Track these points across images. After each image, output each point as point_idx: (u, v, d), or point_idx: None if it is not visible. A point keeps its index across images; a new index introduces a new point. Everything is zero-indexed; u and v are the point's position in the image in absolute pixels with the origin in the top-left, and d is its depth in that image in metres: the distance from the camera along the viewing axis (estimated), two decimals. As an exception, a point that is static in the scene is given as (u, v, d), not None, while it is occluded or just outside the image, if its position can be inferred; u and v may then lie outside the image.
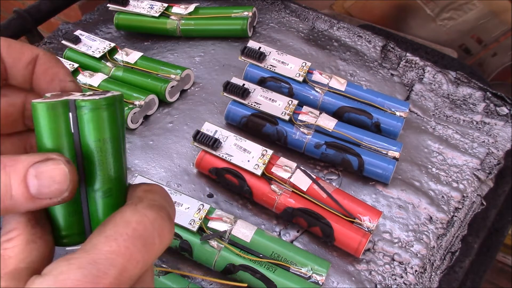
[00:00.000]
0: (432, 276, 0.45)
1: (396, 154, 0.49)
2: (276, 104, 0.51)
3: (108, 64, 0.60)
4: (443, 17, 0.74)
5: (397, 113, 0.52)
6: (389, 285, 0.44)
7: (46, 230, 0.20)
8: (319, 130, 0.51)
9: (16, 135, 0.25)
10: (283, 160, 0.47)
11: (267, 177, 0.47)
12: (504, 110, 0.56)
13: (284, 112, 0.51)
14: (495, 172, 0.51)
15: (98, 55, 0.60)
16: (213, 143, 0.47)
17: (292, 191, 0.46)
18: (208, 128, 0.49)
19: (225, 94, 0.52)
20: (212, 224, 0.44)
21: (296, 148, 0.51)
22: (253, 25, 0.65)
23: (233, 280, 0.44)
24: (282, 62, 0.55)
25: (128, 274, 0.17)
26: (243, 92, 0.51)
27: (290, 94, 0.54)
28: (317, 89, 0.54)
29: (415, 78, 0.60)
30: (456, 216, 0.48)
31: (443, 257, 0.46)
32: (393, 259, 0.45)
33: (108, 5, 0.66)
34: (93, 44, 0.61)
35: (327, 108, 0.53)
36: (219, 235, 0.43)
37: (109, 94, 0.20)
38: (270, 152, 0.47)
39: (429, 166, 0.52)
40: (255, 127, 0.52)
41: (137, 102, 0.55)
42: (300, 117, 0.51)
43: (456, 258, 0.46)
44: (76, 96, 0.20)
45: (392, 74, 0.60)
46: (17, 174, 0.18)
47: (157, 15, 0.64)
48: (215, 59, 0.63)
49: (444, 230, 0.47)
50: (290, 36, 0.65)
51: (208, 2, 0.72)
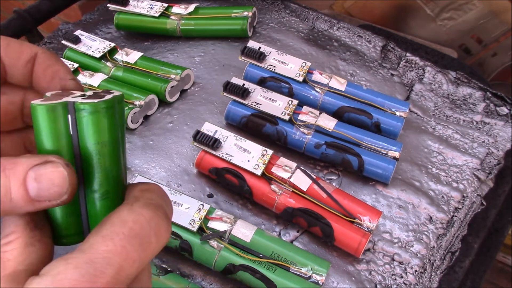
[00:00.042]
0: (432, 276, 0.45)
1: (396, 154, 0.49)
2: (276, 104, 0.51)
3: (108, 64, 0.60)
4: (443, 17, 0.74)
5: (397, 113, 0.52)
6: (389, 285, 0.44)
7: (45, 233, 0.20)
8: (319, 130, 0.51)
9: (16, 132, 0.25)
10: (283, 160, 0.47)
11: (267, 177, 0.47)
12: (504, 110, 0.56)
13: (284, 112, 0.51)
14: (495, 172, 0.51)
15: (98, 55, 0.60)
16: (213, 143, 0.47)
17: (292, 191, 0.46)
18: (208, 128, 0.49)
19: (225, 94, 0.52)
20: (212, 224, 0.44)
21: (296, 148, 0.51)
22: (253, 25, 0.65)
23: (233, 280, 0.44)
24: (282, 62, 0.55)
25: (125, 273, 0.18)
26: (243, 92, 0.51)
27: (290, 94, 0.54)
28: (317, 89, 0.54)
29: (415, 78, 0.60)
30: (456, 216, 0.48)
31: (443, 257, 0.46)
32: (393, 259, 0.45)
33: (108, 5, 0.66)
34: (93, 44, 0.61)
35: (327, 108, 0.53)
36: (219, 235, 0.43)
37: (109, 97, 0.20)
38: (270, 152, 0.47)
39: (429, 166, 0.52)
40: (255, 127, 0.52)
41: (137, 102, 0.55)
42: (300, 117, 0.51)
43: (456, 258, 0.46)
44: (76, 98, 0.20)
45: (392, 74, 0.60)
46: (17, 177, 0.18)
47: (157, 15, 0.64)
48: (215, 59, 0.63)
49: (444, 230, 0.47)
50: (290, 36, 0.65)
51: (208, 2, 0.72)
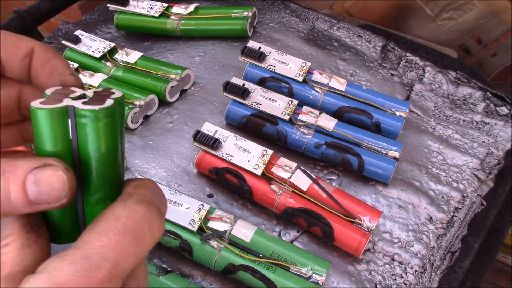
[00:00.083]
0: (432, 276, 0.45)
1: (396, 154, 0.49)
2: (276, 104, 0.51)
3: (108, 64, 0.60)
4: (443, 17, 0.74)
5: (397, 113, 0.52)
6: (389, 285, 0.44)
7: (41, 235, 0.20)
8: (319, 130, 0.50)
9: (14, 124, 0.25)
10: (283, 160, 0.47)
11: (267, 177, 0.47)
12: (504, 110, 0.56)
13: (284, 112, 0.51)
14: (495, 172, 0.51)
15: (98, 55, 0.60)
16: (213, 143, 0.47)
17: (292, 191, 0.46)
18: (208, 128, 0.49)
19: (225, 94, 0.52)
20: (212, 224, 0.44)
21: (296, 148, 0.51)
22: (253, 25, 0.65)
23: (233, 280, 0.44)
24: (282, 62, 0.55)
25: (121, 267, 0.18)
26: (243, 92, 0.51)
27: (290, 94, 0.54)
28: (317, 89, 0.54)
29: (415, 78, 0.60)
30: (456, 216, 0.48)
31: (443, 257, 0.46)
32: (393, 259, 0.45)
33: (108, 5, 0.66)
34: (93, 44, 0.61)
35: (327, 108, 0.53)
36: (219, 235, 0.43)
37: (110, 103, 0.19)
38: (270, 152, 0.47)
39: (429, 166, 0.52)
40: (255, 127, 0.52)
41: (137, 102, 0.55)
42: (300, 117, 0.51)
43: (456, 258, 0.46)
44: (76, 101, 0.20)
45: (392, 74, 0.60)
46: (16, 180, 0.18)
47: (157, 15, 0.64)
48: (215, 59, 0.63)
49: (444, 230, 0.47)
50: (290, 36, 0.65)
51: (208, 2, 0.72)
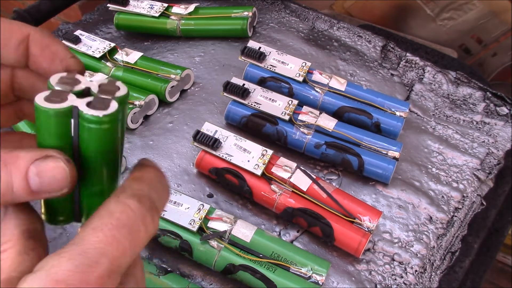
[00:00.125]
0: (432, 276, 0.45)
1: (396, 154, 0.49)
2: (276, 104, 0.51)
3: (108, 64, 0.60)
4: (443, 17, 0.74)
5: (397, 113, 0.52)
6: (389, 285, 0.44)
7: (39, 243, 0.20)
8: (319, 130, 0.50)
9: (8, 104, 0.25)
10: (283, 160, 0.47)
11: (267, 177, 0.47)
12: (504, 110, 0.56)
13: (284, 112, 0.51)
14: (495, 172, 0.51)
15: (98, 55, 0.60)
16: (213, 143, 0.47)
17: (292, 191, 0.46)
18: (208, 128, 0.49)
19: (225, 94, 0.52)
20: (212, 224, 0.44)
21: (296, 148, 0.51)
22: (253, 25, 0.65)
23: (233, 280, 0.44)
24: (282, 62, 0.55)
25: (118, 262, 0.18)
26: (243, 92, 0.51)
27: (290, 94, 0.54)
28: (317, 89, 0.54)
29: (415, 78, 0.60)
30: (456, 216, 0.48)
31: (443, 257, 0.46)
32: (393, 259, 0.45)
33: (108, 5, 0.66)
34: (93, 44, 0.61)
35: (327, 108, 0.53)
36: (219, 235, 0.43)
37: (113, 109, 0.20)
38: (270, 152, 0.47)
39: (429, 166, 0.52)
40: (255, 127, 0.52)
41: (137, 102, 0.55)
42: (300, 117, 0.51)
43: (456, 258, 0.46)
44: (81, 103, 0.20)
45: (392, 74, 0.60)
46: (19, 171, 0.19)
47: (157, 15, 0.64)
48: (215, 59, 0.63)
49: (444, 230, 0.47)
50: (290, 36, 0.65)
51: (208, 2, 0.72)
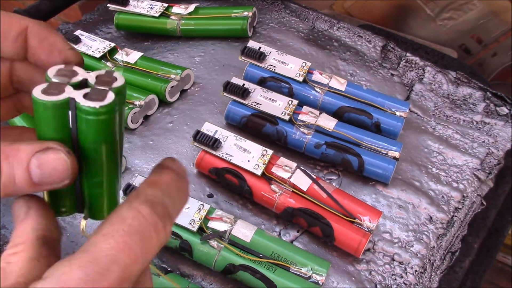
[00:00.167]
0: (432, 276, 0.45)
1: (396, 154, 0.49)
2: (276, 104, 0.51)
3: (108, 64, 0.60)
4: (443, 17, 0.74)
5: (397, 113, 0.52)
6: (389, 285, 0.44)
7: (53, 251, 0.20)
8: (319, 130, 0.50)
9: (7, 97, 0.25)
10: (283, 160, 0.47)
11: (267, 177, 0.47)
12: (504, 110, 0.56)
13: (284, 112, 0.51)
14: (495, 172, 0.51)
15: (98, 55, 0.60)
16: (213, 143, 0.47)
17: (292, 191, 0.46)
18: (208, 128, 0.49)
19: (225, 94, 0.52)
20: (212, 224, 0.44)
21: (296, 148, 0.51)
22: (253, 25, 0.65)
23: (233, 280, 0.44)
24: (282, 62, 0.55)
25: (130, 270, 0.17)
26: (243, 92, 0.51)
27: (290, 94, 0.54)
28: (317, 89, 0.54)
29: (415, 78, 0.60)
30: (456, 216, 0.48)
31: (443, 257, 0.46)
32: (393, 259, 0.45)
33: (108, 5, 0.66)
34: (93, 44, 0.61)
35: (327, 108, 0.53)
36: (219, 235, 0.43)
37: (109, 100, 0.20)
38: (270, 152, 0.47)
39: (429, 166, 0.52)
40: (255, 127, 0.52)
41: (137, 102, 0.55)
42: (300, 117, 0.51)
43: (456, 258, 0.46)
44: (78, 94, 0.20)
45: (392, 74, 0.60)
46: (20, 164, 0.19)
47: (157, 15, 0.64)
48: (215, 59, 0.63)
49: (444, 230, 0.47)
50: (290, 36, 0.65)
51: (208, 2, 0.72)
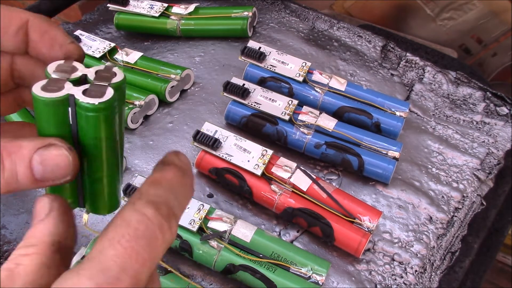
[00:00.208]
0: (432, 276, 0.45)
1: (396, 154, 0.49)
2: (276, 104, 0.51)
3: (108, 64, 0.60)
4: (443, 17, 0.74)
5: (397, 113, 0.52)
6: (389, 285, 0.44)
7: (65, 262, 0.19)
8: (319, 130, 0.50)
9: (8, 92, 0.25)
10: (283, 160, 0.47)
11: (267, 177, 0.47)
12: (504, 110, 0.56)
13: (284, 112, 0.51)
14: (495, 172, 0.51)
15: (98, 55, 0.60)
16: (213, 143, 0.47)
17: (292, 191, 0.46)
18: (208, 128, 0.49)
19: (225, 94, 0.52)
20: (212, 224, 0.44)
21: (296, 148, 0.51)
22: (253, 25, 0.65)
23: (233, 280, 0.44)
24: (282, 62, 0.55)
25: (139, 276, 0.17)
26: (243, 92, 0.51)
27: (290, 94, 0.54)
28: (317, 89, 0.54)
29: (415, 78, 0.60)
30: (456, 216, 0.48)
31: (443, 257, 0.46)
32: (393, 259, 0.45)
33: (108, 5, 0.66)
34: (93, 44, 0.61)
35: (327, 108, 0.53)
36: (219, 235, 0.43)
37: (108, 96, 0.20)
38: (270, 152, 0.47)
39: (429, 166, 0.52)
40: (255, 127, 0.52)
41: (137, 102, 0.55)
42: (300, 117, 0.51)
43: (456, 258, 0.46)
44: (77, 91, 0.20)
45: (392, 74, 0.60)
46: (23, 161, 0.19)
47: (157, 15, 0.64)
48: (215, 59, 0.63)
49: (444, 230, 0.47)
50: (290, 36, 0.65)
51: (208, 2, 0.72)
